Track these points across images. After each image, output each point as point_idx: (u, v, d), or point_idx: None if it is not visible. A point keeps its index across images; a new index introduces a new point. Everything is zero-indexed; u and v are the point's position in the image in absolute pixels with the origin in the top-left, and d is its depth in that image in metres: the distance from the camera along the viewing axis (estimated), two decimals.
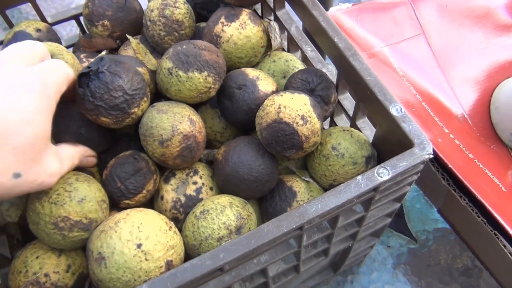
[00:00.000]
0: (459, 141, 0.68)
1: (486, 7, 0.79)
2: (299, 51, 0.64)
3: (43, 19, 0.65)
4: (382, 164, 0.42)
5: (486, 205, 0.58)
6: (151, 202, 0.53)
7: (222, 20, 0.55)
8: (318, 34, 0.53)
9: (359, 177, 0.42)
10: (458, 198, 0.61)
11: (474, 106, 0.74)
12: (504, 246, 0.57)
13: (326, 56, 0.55)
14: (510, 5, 0.80)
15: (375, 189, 0.42)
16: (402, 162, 0.42)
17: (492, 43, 0.78)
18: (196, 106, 0.56)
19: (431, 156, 0.43)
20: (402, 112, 0.45)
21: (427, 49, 0.76)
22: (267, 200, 0.52)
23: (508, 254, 0.56)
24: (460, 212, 0.63)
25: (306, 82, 0.52)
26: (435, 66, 0.75)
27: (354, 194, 0.41)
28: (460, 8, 0.78)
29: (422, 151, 0.43)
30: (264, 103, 0.49)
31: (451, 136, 0.68)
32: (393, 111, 0.45)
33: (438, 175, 0.63)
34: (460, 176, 0.60)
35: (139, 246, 0.41)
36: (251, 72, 0.52)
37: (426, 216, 0.78)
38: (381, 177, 0.42)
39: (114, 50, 0.63)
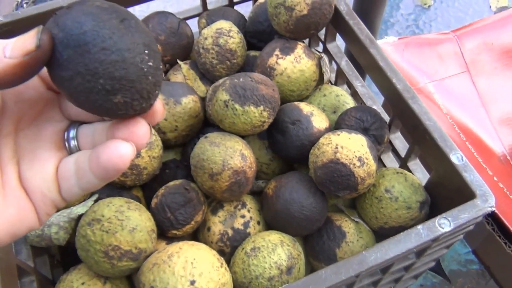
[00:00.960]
0: (502, 184, 0.67)
1: None
2: (345, 84, 0.64)
3: None
4: (444, 215, 0.41)
5: None
6: (195, 232, 0.53)
7: (277, 52, 0.55)
8: (373, 72, 0.53)
9: (419, 227, 0.41)
10: (502, 243, 0.59)
11: None
12: None
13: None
14: None
15: (435, 239, 0.41)
16: (464, 214, 0.41)
17: None
18: (244, 136, 0.56)
19: (493, 209, 0.42)
20: (463, 160, 0.44)
21: (471, 87, 0.75)
22: (314, 238, 0.51)
23: None
24: (501, 257, 0.61)
25: (360, 120, 0.51)
26: (478, 105, 0.74)
27: (414, 244, 0.40)
28: (506, 48, 0.78)
29: (485, 203, 0.42)
30: (320, 141, 0.48)
31: (495, 178, 0.67)
32: (454, 159, 0.44)
33: (483, 219, 0.61)
34: (506, 223, 0.59)
35: (192, 282, 0.40)
36: (305, 108, 0.52)
37: (460, 256, 0.76)
38: (442, 228, 0.41)
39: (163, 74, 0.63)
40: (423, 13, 1.06)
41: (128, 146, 0.25)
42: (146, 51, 0.24)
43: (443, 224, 0.41)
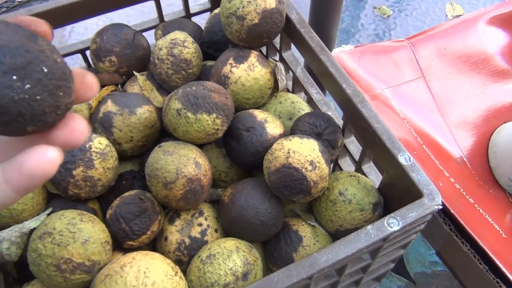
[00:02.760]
0: (459, 185, 0.68)
1: (484, 53, 0.81)
2: (303, 92, 0.65)
3: None
4: (392, 214, 0.42)
5: (489, 252, 0.58)
6: (154, 242, 0.52)
7: (231, 61, 0.55)
8: (325, 78, 0.54)
9: (369, 227, 0.41)
10: (460, 243, 0.61)
11: (473, 149, 0.75)
12: None
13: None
14: (506, 52, 0.82)
15: (385, 239, 0.42)
16: (411, 213, 0.42)
17: (489, 88, 0.79)
18: (202, 145, 0.56)
19: (440, 207, 0.43)
20: (410, 161, 0.45)
21: (426, 92, 0.77)
22: (272, 244, 0.51)
23: None
24: (461, 257, 0.63)
25: (313, 126, 0.52)
26: (434, 109, 0.76)
27: (365, 244, 0.41)
28: (459, 53, 0.80)
29: (432, 202, 0.43)
30: (273, 146, 0.49)
31: (452, 180, 0.68)
32: (402, 159, 0.45)
33: (440, 220, 0.63)
34: (463, 223, 0.60)
35: None
36: (259, 114, 0.52)
37: (425, 258, 0.78)
38: (391, 227, 0.41)
39: (120, 85, 0.63)
40: (382, 22, 1.09)
41: (55, 150, 0.24)
42: (14, 77, 0.22)
43: (392, 223, 0.42)
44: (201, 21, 0.69)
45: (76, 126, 0.26)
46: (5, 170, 0.24)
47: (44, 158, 0.24)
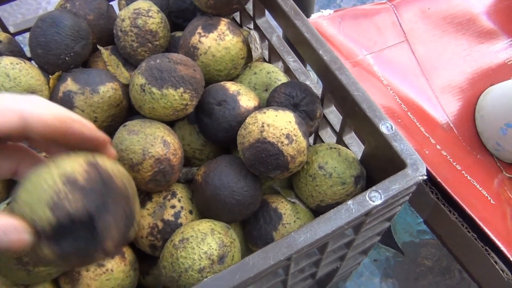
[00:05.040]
0: (446, 152, 0.66)
1: (469, 13, 0.77)
2: (281, 61, 0.62)
3: (4, 29, 0.60)
4: (374, 187, 0.39)
5: (477, 220, 0.56)
6: None
7: (199, 30, 0.51)
8: (301, 45, 0.50)
9: (349, 202, 0.39)
10: (447, 212, 0.59)
11: (459, 114, 0.73)
12: (496, 262, 0.55)
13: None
14: (492, 11, 0.79)
15: (367, 214, 0.40)
16: (394, 185, 0.40)
17: (475, 50, 0.76)
18: (173, 121, 0.53)
19: (425, 177, 0.40)
20: (392, 130, 0.42)
21: (410, 56, 0.74)
22: (250, 223, 0.49)
23: (499, 270, 0.55)
24: (449, 225, 0.61)
25: (290, 96, 0.49)
26: (419, 74, 0.73)
27: (345, 220, 0.38)
28: (443, 14, 0.77)
29: (415, 172, 0.40)
30: (246, 121, 0.45)
31: (438, 147, 0.66)
32: (383, 128, 0.42)
33: (426, 189, 0.61)
34: (449, 191, 0.58)
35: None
36: (231, 87, 0.49)
37: (412, 227, 0.76)
38: (373, 201, 0.39)
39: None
40: None
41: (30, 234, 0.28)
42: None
43: (374, 197, 0.39)
44: None
45: None
46: None
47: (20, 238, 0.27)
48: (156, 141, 0.44)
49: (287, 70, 0.58)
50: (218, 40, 0.51)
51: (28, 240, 0.27)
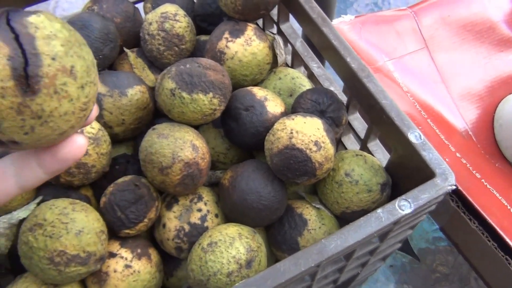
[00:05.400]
0: (465, 160, 0.66)
1: (489, 21, 0.78)
2: (303, 67, 0.62)
3: None
4: (403, 196, 0.40)
5: (498, 229, 0.56)
6: (152, 229, 0.50)
7: (226, 35, 0.52)
8: (327, 52, 0.51)
9: (379, 210, 0.39)
10: (467, 220, 0.59)
11: (478, 122, 0.73)
12: None
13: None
14: (511, 20, 0.79)
15: (396, 222, 0.40)
16: (424, 194, 0.40)
17: (495, 58, 0.77)
18: (198, 125, 0.53)
19: (454, 187, 0.40)
20: (421, 139, 0.43)
21: (430, 63, 0.74)
22: (275, 228, 0.49)
23: None
24: (468, 233, 0.61)
25: (316, 103, 0.49)
26: (438, 81, 0.73)
27: (375, 228, 0.39)
28: (463, 22, 0.77)
29: (445, 182, 0.40)
30: (275, 126, 0.46)
31: (458, 155, 0.66)
32: (412, 137, 0.43)
33: (446, 196, 0.61)
34: (470, 199, 0.58)
35: None
36: (258, 92, 0.49)
37: (429, 234, 0.76)
38: (403, 210, 0.39)
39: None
40: None
41: (83, 137, 0.28)
42: None
43: (403, 206, 0.39)
44: None
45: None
46: (39, 156, 0.27)
47: (76, 145, 0.27)
48: (185, 145, 0.44)
49: (311, 76, 0.58)
50: (245, 46, 0.51)
51: None
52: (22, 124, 0.24)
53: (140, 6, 0.62)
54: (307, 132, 0.44)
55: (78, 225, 0.41)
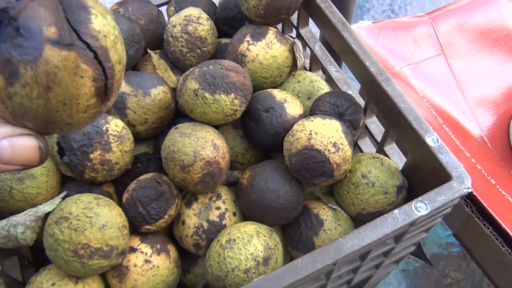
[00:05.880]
0: (480, 166, 0.66)
1: (506, 29, 0.78)
2: (320, 70, 0.63)
3: None
4: (420, 198, 0.41)
5: None
6: (171, 226, 0.51)
7: (248, 38, 0.53)
8: (347, 56, 0.52)
9: (396, 211, 0.40)
10: (482, 226, 0.59)
11: (493, 129, 0.73)
12: None
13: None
14: None
15: (411, 223, 0.41)
16: (440, 196, 0.41)
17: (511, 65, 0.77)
18: (218, 126, 0.55)
19: (470, 190, 0.41)
20: (438, 142, 0.43)
21: (447, 69, 0.75)
22: (291, 227, 0.50)
23: None
24: (481, 239, 0.61)
25: (334, 106, 0.50)
26: (454, 87, 0.74)
27: (391, 229, 0.39)
28: (480, 29, 0.77)
29: (461, 185, 0.41)
30: (294, 128, 0.47)
31: (473, 160, 0.67)
32: (429, 141, 0.44)
33: (461, 201, 0.61)
34: (485, 205, 0.58)
35: None
36: (278, 94, 0.50)
37: (442, 239, 0.76)
38: (419, 211, 0.40)
39: None
40: None
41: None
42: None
43: (420, 207, 0.40)
44: None
45: None
46: None
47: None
48: (207, 144, 0.46)
49: (329, 79, 0.59)
50: (266, 49, 0.52)
51: None
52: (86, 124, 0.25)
53: (163, 8, 0.64)
54: (325, 133, 0.45)
55: (102, 219, 0.43)
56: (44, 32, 0.21)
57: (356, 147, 0.59)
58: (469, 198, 0.61)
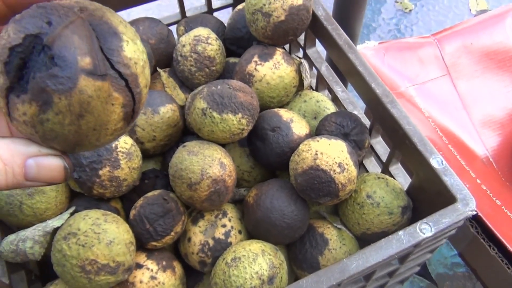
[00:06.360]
0: (486, 186, 0.67)
1: (511, 50, 0.79)
2: (327, 90, 0.64)
3: None
4: (425, 220, 0.41)
5: None
6: (176, 243, 0.52)
7: (256, 59, 0.54)
8: (352, 77, 0.53)
9: (400, 233, 0.40)
10: (487, 247, 0.59)
11: (499, 149, 0.73)
12: None
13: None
14: None
15: (416, 245, 0.41)
16: (444, 218, 0.41)
17: None
18: (224, 144, 0.55)
19: (474, 213, 0.41)
20: (443, 164, 0.44)
21: (452, 90, 0.75)
22: (296, 246, 0.50)
23: None
24: (486, 260, 0.61)
25: (340, 126, 0.51)
26: (460, 107, 0.74)
27: (396, 250, 0.40)
28: (486, 50, 0.78)
29: (465, 207, 0.41)
30: (300, 147, 0.48)
31: (478, 181, 0.67)
32: (434, 163, 0.44)
33: (466, 222, 0.61)
34: (490, 225, 0.58)
35: None
36: (284, 114, 0.51)
37: (447, 259, 0.76)
38: (424, 233, 0.40)
39: None
40: (404, 17, 1.07)
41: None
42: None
43: (424, 229, 0.40)
44: (220, 15, 0.68)
45: None
46: None
47: None
48: (214, 163, 0.46)
49: (335, 99, 0.60)
50: (273, 69, 0.53)
51: None
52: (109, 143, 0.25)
53: (173, 27, 0.65)
54: (331, 154, 0.45)
55: (109, 235, 0.43)
56: (79, 62, 0.22)
57: (361, 166, 0.59)
58: (475, 219, 0.61)
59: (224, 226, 0.49)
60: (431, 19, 1.06)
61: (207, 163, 0.46)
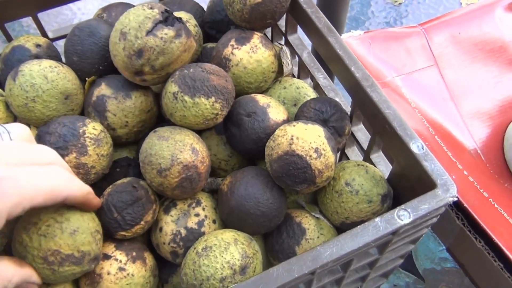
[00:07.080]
0: (473, 178, 0.65)
1: (500, 40, 0.77)
2: (309, 78, 0.62)
3: (44, 34, 0.62)
4: (403, 206, 0.39)
5: (504, 249, 0.54)
6: (148, 233, 0.50)
7: (232, 42, 0.52)
8: (332, 62, 0.51)
9: (377, 219, 0.38)
10: (473, 239, 0.57)
11: (487, 141, 0.72)
12: None
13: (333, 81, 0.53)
14: None
15: (394, 232, 0.39)
16: (424, 205, 0.39)
17: (506, 78, 0.76)
18: (201, 131, 0.53)
19: (455, 199, 0.39)
20: (423, 149, 0.42)
21: (440, 80, 0.73)
22: (273, 236, 0.48)
23: None
24: (473, 253, 0.59)
25: (319, 112, 0.49)
26: (447, 98, 0.73)
27: (372, 237, 0.38)
28: (474, 40, 0.76)
29: (446, 193, 0.39)
30: (275, 133, 0.46)
31: (465, 172, 0.65)
32: (414, 148, 0.42)
33: (452, 214, 0.60)
34: (476, 217, 0.57)
35: None
36: (261, 99, 0.49)
37: (434, 254, 0.74)
38: (402, 220, 0.38)
39: None
40: (394, 10, 1.05)
41: None
42: None
43: (402, 216, 0.39)
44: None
45: None
46: None
47: None
48: (185, 148, 0.44)
49: (316, 87, 0.58)
50: (250, 53, 0.51)
51: None
52: None
53: None
54: (307, 138, 0.43)
55: (73, 224, 0.41)
56: None
57: (343, 156, 0.57)
58: (461, 211, 0.60)
59: (197, 215, 0.47)
60: (421, 13, 1.05)
61: (177, 148, 0.44)
